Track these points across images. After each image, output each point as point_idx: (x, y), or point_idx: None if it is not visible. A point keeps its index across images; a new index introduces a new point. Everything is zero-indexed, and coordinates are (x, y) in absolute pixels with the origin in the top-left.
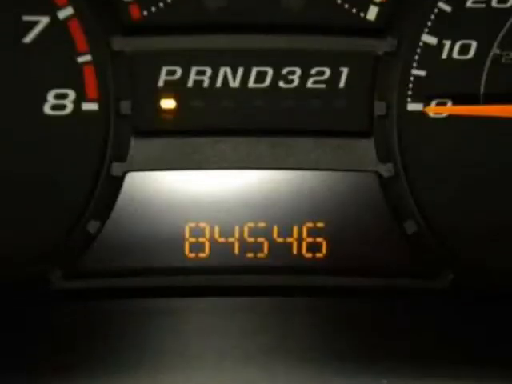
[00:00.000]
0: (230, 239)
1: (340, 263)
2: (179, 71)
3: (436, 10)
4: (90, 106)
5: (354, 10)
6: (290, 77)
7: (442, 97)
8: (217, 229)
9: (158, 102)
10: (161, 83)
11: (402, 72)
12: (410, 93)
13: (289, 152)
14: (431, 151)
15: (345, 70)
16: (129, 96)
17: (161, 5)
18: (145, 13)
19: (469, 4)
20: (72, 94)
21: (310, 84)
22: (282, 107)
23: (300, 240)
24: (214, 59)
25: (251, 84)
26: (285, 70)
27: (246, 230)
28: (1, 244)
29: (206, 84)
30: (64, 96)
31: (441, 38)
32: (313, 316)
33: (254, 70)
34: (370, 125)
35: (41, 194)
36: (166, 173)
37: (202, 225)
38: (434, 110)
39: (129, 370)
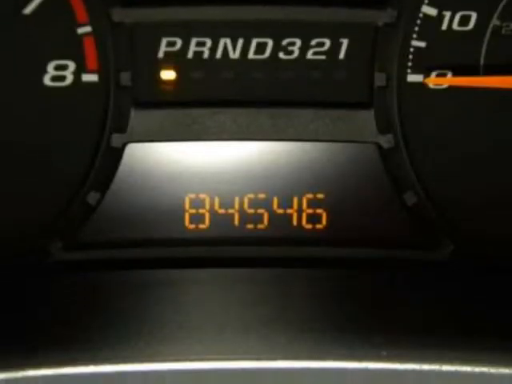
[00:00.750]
0: (230, 210)
1: (340, 234)
2: (179, 42)
3: None
4: (90, 78)
5: None
6: (290, 48)
7: (442, 68)
8: (217, 200)
9: (158, 73)
10: (161, 54)
11: (402, 43)
12: (410, 64)
13: (289, 123)
14: (431, 122)
15: (345, 41)
16: (129, 67)
17: None
18: None
19: None
20: (72, 66)
21: (310, 55)
22: (282, 78)
23: (300, 211)
24: (214, 30)
25: (251, 55)
26: (285, 42)
27: (246, 201)
28: (0, 215)
29: (206, 55)
30: (64, 67)
31: (441, 9)
32: (313, 287)
33: (254, 42)
34: (370, 96)
35: (41, 166)
36: (165, 144)
37: (202, 196)
38: (433, 81)
39: (129, 341)
